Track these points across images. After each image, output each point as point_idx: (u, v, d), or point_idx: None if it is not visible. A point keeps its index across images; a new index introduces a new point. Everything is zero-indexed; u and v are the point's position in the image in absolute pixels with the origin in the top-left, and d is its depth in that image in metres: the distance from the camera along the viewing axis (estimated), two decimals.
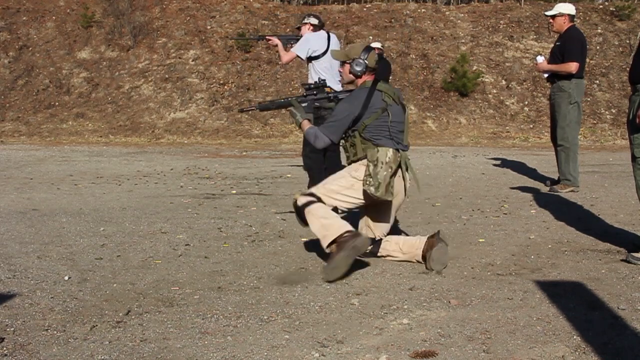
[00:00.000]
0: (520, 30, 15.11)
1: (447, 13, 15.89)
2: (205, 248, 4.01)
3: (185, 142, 11.90)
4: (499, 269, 3.50)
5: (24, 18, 15.28)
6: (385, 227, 3.68)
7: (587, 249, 3.92)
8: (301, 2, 16.88)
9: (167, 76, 13.79)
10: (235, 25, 15.03)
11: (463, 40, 14.86)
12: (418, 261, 3.56)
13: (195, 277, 3.36)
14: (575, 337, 2.48)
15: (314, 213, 3.42)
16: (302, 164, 5.94)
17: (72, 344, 2.43)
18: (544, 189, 6.33)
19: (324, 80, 3.99)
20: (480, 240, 4.21)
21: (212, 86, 13.55)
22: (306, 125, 3.70)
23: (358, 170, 3.51)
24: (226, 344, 2.43)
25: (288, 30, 14.78)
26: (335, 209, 3.54)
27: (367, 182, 3.39)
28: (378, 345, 2.42)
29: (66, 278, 3.29)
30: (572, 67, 5.98)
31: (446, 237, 3.56)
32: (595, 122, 13.03)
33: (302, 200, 3.47)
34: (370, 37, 14.59)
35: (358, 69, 3.59)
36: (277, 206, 5.51)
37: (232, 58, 14.21)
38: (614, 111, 13.23)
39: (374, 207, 3.61)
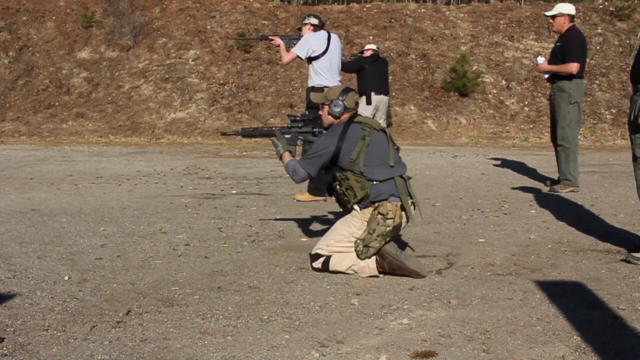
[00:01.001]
0: (520, 30, 15.11)
1: (447, 13, 15.89)
2: (205, 248, 4.01)
3: (185, 142, 11.90)
4: (499, 269, 3.50)
5: (24, 18, 15.28)
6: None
7: (587, 249, 3.92)
8: (301, 2, 16.89)
9: (167, 76, 13.79)
10: (235, 25, 15.03)
11: (463, 40, 14.86)
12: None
13: (195, 277, 3.36)
14: (575, 337, 2.48)
15: (338, 268, 3.40)
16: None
17: (72, 344, 2.43)
18: (544, 189, 6.33)
19: (312, 114, 3.91)
20: (480, 240, 4.21)
21: (212, 86, 13.55)
22: (287, 157, 3.65)
23: (355, 214, 3.43)
24: (226, 344, 2.43)
25: (288, 30, 14.78)
26: None
27: (359, 247, 3.34)
28: (378, 345, 2.42)
29: (66, 278, 3.29)
30: (573, 67, 5.96)
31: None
32: (595, 122, 13.03)
33: (318, 265, 3.43)
34: (371, 38, 14.59)
35: (337, 109, 3.56)
36: (277, 206, 5.51)
37: (232, 58, 14.21)
38: (614, 111, 13.23)
39: None
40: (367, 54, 9.28)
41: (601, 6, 15.76)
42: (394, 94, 13.18)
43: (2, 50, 14.52)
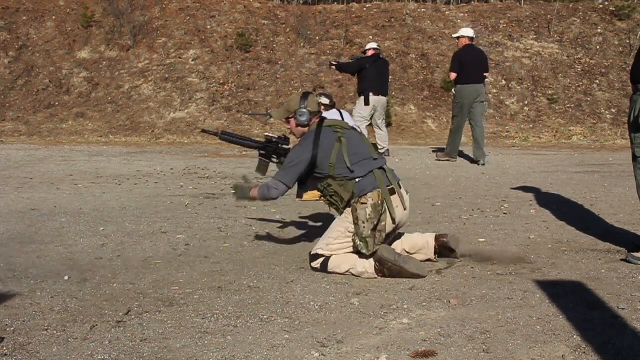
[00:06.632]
0: (520, 30, 15.11)
1: (447, 13, 15.89)
2: (205, 248, 4.01)
3: (185, 142, 11.90)
4: (499, 269, 3.50)
5: (24, 18, 15.28)
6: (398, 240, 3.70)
7: (587, 249, 3.92)
8: (301, 1, 16.88)
9: (167, 76, 13.79)
10: (235, 25, 15.03)
11: None
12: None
13: (195, 277, 3.36)
14: (575, 337, 2.48)
15: (337, 269, 3.39)
16: None
17: (72, 344, 2.43)
18: (544, 188, 6.34)
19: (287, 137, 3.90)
20: (480, 240, 4.21)
21: (212, 86, 13.55)
22: (254, 189, 3.57)
23: (347, 213, 3.42)
24: (226, 344, 2.43)
25: (288, 30, 14.78)
26: None
27: (356, 244, 3.33)
28: (378, 345, 2.42)
29: (66, 278, 3.29)
30: (452, 76, 8.49)
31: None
32: (595, 122, 13.03)
33: (317, 266, 3.42)
34: (370, 37, 14.59)
35: (303, 118, 3.54)
36: (277, 206, 5.51)
37: (232, 58, 14.21)
38: (614, 111, 13.23)
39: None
40: (369, 53, 9.26)
41: (601, 6, 15.76)
42: (394, 94, 13.18)
43: (2, 50, 14.51)
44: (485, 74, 8.55)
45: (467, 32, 8.59)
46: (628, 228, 4.48)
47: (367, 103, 8.92)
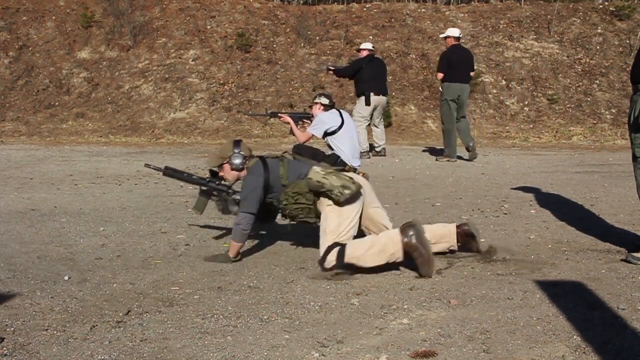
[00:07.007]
0: (520, 30, 15.11)
1: (447, 13, 15.89)
2: (205, 248, 4.01)
3: (185, 142, 11.90)
4: (499, 269, 3.50)
5: (24, 18, 15.28)
6: (385, 215, 3.74)
7: (587, 249, 3.92)
8: (301, 1, 16.88)
9: (167, 76, 13.78)
10: (235, 25, 15.03)
11: (463, 40, 14.83)
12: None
13: (195, 277, 3.36)
14: (575, 337, 2.48)
15: (356, 257, 3.32)
16: None
17: (72, 344, 2.43)
18: (544, 188, 6.34)
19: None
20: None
21: (212, 86, 13.55)
22: (232, 246, 3.62)
23: (323, 202, 3.48)
24: (226, 344, 2.43)
25: (288, 30, 14.79)
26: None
27: (337, 194, 3.36)
28: (378, 345, 2.42)
29: (66, 278, 3.29)
30: (439, 76, 8.72)
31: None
32: (595, 122, 13.03)
33: (331, 263, 3.34)
34: (371, 37, 14.59)
35: (238, 161, 3.68)
36: None
37: (232, 58, 14.21)
38: (614, 111, 13.22)
39: (365, 211, 3.62)
40: (363, 54, 9.29)
41: (601, 6, 15.75)
42: (394, 94, 13.18)
43: (2, 50, 14.51)
44: (471, 73, 8.95)
45: (454, 32, 8.81)
46: (628, 228, 4.48)
47: (368, 103, 8.94)
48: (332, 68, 9.35)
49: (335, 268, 3.33)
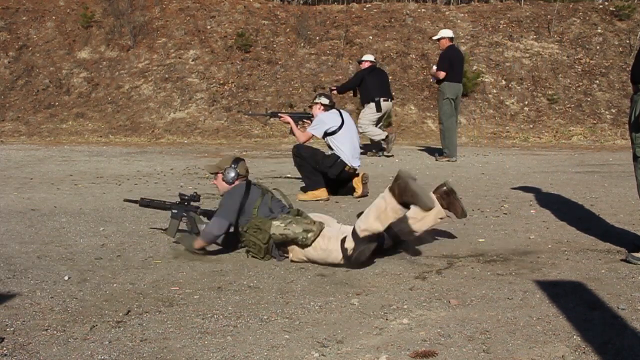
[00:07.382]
0: (520, 30, 15.11)
1: (447, 13, 15.89)
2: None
3: (185, 142, 11.90)
4: (499, 269, 3.50)
5: (24, 18, 15.28)
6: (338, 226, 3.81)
7: (587, 249, 3.92)
8: (301, 1, 16.88)
9: (167, 76, 13.78)
10: (235, 25, 15.03)
11: (463, 40, 14.85)
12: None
13: (195, 277, 3.36)
14: (575, 337, 2.48)
15: (365, 228, 3.36)
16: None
17: (72, 344, 2.43)
18: (544, 188, 6.34)
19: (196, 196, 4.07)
20: (480, 240, 4.21)
21: (212, 86, 13.55)
22: (198, 244, 3.73)
23: (296, 248, 3.58)
24: (226, 344, 2.43)
25: (288, 30, 14.78)
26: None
27: (303, 240, 3.45)
28: (378, 345, 2.42)
29: (66, 278, 3.29)
30: (441, 74, 8.65)
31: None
32: (595, 122, 13.03)
33: (351, 249, 3.39)
34: (371, 37, 14.59)
35: (231, 175, 3.86)
36: None
37: (232, 58, 14.21)
38: (614, 111, 13.23)
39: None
40: (365, 65, 9.48)
41: (601, 6, 15.76)
42: (394, 94, 13.19)
43: (2, 50, 14.51)
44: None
45: (447, 33, 8.91)
46: (628, 228, 4.48)
47: (379, 109, 9.24)
48: (334, 88, 9.73)
49: (357, 249, 3.38)
